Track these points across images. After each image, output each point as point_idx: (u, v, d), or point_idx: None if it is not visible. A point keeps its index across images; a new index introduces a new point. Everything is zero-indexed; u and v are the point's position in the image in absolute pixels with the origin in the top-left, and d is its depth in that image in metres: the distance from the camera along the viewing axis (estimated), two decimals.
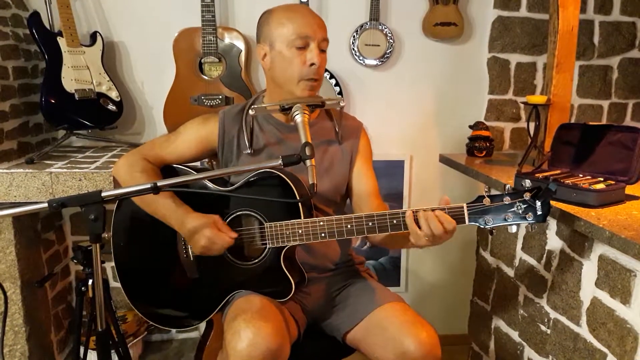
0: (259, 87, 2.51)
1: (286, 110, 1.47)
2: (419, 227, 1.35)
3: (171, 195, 1.51)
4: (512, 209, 1.34)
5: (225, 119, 1.62)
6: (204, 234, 1.44)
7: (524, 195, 1.33)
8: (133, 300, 1.64)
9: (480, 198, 1.36)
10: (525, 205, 1.33)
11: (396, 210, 1.39)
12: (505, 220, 1.35)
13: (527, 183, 1.34)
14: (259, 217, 1.51)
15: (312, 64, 1.48)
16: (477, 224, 1.37)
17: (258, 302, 1.45)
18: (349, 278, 1.71)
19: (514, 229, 1.37)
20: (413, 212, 1.36)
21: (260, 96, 1.67)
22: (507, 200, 1.34)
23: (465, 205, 1.37)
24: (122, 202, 1.62)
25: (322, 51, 1.52)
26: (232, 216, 1.54)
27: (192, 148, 1.62)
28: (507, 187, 1.35)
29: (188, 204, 1.53)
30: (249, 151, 1.59)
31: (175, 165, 1.64)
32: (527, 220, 1.34)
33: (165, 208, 1.51)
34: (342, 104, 1.52)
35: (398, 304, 1.55)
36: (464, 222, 1.37)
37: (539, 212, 1.33)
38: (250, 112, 1.50)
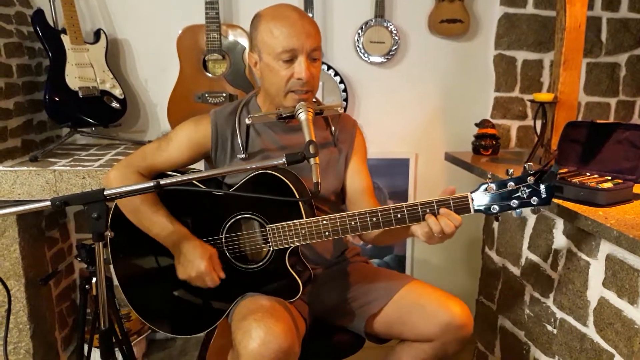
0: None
1: (284, 118, 1.46)
2: (429, 226, 1.35)
3: (165, 215, 1.51)
4: (517, 194, 1.33)
5: (218, 120, 1.59)
6: (198, 267, 1.45)
7: (528, 180, 1.32)
8: (137, 309, 1.63)
9: (483, 185, 1.35)
10: (529, 190, 1.32)
11: (400, 204, 1.38)
12: (510, 205, 1.34)
13: (530, 167, 1.32)
14: (259, 219, 1.50)
15: (299, 78, 1.45)
16: (483, 211, 1.35)
17: (267, 302, 1.44)
18: (352, 267, 1.72)
19: (518, 212, 1.35)
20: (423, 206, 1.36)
21: (253, 97, 1.65)
22: (511, 185, 1.33)
23: (469, 194, 1.35)
24: (118, 213, 1.59)
25: (314, 60, 1.48)
26: (232, 220, 1.53)
27: (185, 153, 1.58)
28: (509, 172, 1.34)
29: (185, 208, 1.52)
30: (243, 156, 1.57)
31: (168, 173, 1.61)
32: (533, 204, 1.32)
33: (159, 227, 1.50)
34: (340, 111, 1.52)
35: (419, 282, 1.60)
36: (470, 212, 1.35)
37: (544, 195, 1.31)
38: (247, 121, 1.49)
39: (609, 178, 1.67)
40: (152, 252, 1.61)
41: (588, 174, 1.73)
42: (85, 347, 1.73)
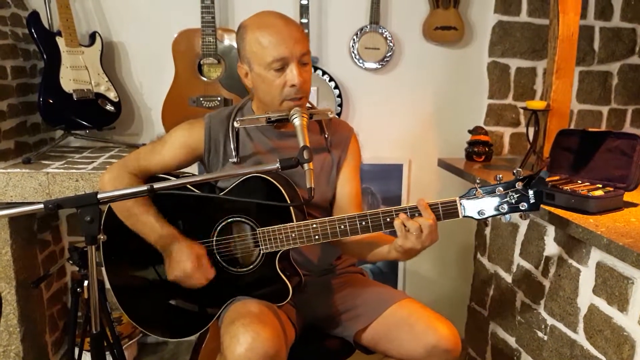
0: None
1: (273, 122, 1.46)
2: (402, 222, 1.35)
3: (155, 215, 1.50)
4: (506, 199, 1.33)
5: (212, 124, 1.58)
6: (184, 268, 1.44)
7: (516, 185, 1.32)
8: (128, 312, 1.63)
9: (472, 190, 1.36)
10: (518, 195, 1.32)
11: (389, 208, 1.39)
12: (499, 210, 1.34)
13: (519, 172, 1.33)
14: (250, 223, 1.50)
15: (292, 85, 1.44)
16: (472, 216, 1.36)
17: (256, 307, 1.44)
18: (347, 278, 1.72)
19: (507, 218, 1.36)
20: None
21: (248, 102, 1.64)
22: (499, 191, 1.33)
23: (458, 198, 1.36)
24: (111, 214, 1.58)
25: (304, 64, 1.48)
26: (223, 224, 1.53)
27: (179, 156, 1.58)
28: (498, 178, 1.35)
29: (177, 211, 1.52)
30: (235, 160, 1.56)
31: (161, 176, 1.60)
32: (521, 210, 1.33)
33: (148, 228, 1.49)
34: (330, 115, 1.52)
35: (413, 300, 1.58)
36: (458, 216, 1.36)
37: (532, 201, 1.32)
38: (235, 124, 1.49)
39: (600, 186, 1.68)
40: (144, 255, 1.60)
41: (579, 182, 1.75)
42: (76, 350, 1.72)
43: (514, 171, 1.34)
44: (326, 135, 1.63)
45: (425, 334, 1.45)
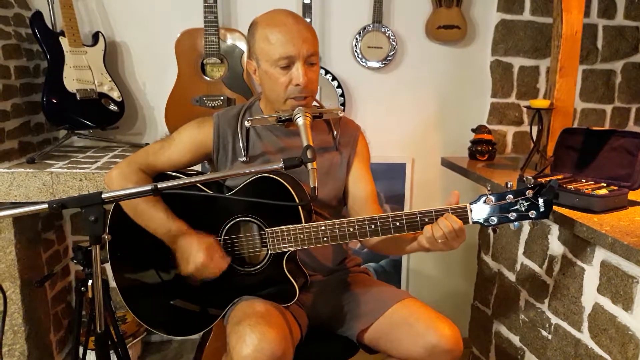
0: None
1: (283, 121, 1.46)
2: (431, 231, 1.36)
3: (164, 210, 1.50)
4: (515, 207, 1.34)
5: (220, 122, 1.59)
6: (196, 261, 1.43)
7: (527, 193, 1.33)
8: (133, 309, 1.63)
9: (482, 197, 1.36)
10: (528, 203, 1.33)
11: (398, 213, 1.39)
12: (508, 218, 1.35)
13: (529, 180, 1.34)
14: (258, 222, 1.50)
15: (297, 84, 1.45)
16: (481, 223, 1.37)
17: (262, 307, 1.44)
18: (351, 277, 1.72)
19: (516, 225, 1.36)
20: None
21: (256, 101, 1.65)
22: (509, 198, 1.34)
23: (468, 204, 1.37)
24: (118, 211, 1.58)
25: (312, 64, 1.48)
26: (231, 223, 1.53)
27: (187, 154, 1.59)
28: (509, 185, 1.35)
29: (184, 209, 1.52)
30: (245, 159, 1.57)
31: (169, 173, 1.61)
32: (531, 218, 1.34)
33: (157, 223, 1.50)
34: (340, 115, 1.52)
35: (414, 300, 1.57)
36: (468, 222, 1.37)
37: (542, 209, 1.33)
38: (246, 123, 1.50)
39: (604, 185, 1.68)
40: (151, 252, 1.61)
41: (583, 181, 1.74)
42: (80, 349, 1.73)
43: (524, 178, 1.34)
44: (335, 134, 1.63)
45: (426, 334, 1.44)
